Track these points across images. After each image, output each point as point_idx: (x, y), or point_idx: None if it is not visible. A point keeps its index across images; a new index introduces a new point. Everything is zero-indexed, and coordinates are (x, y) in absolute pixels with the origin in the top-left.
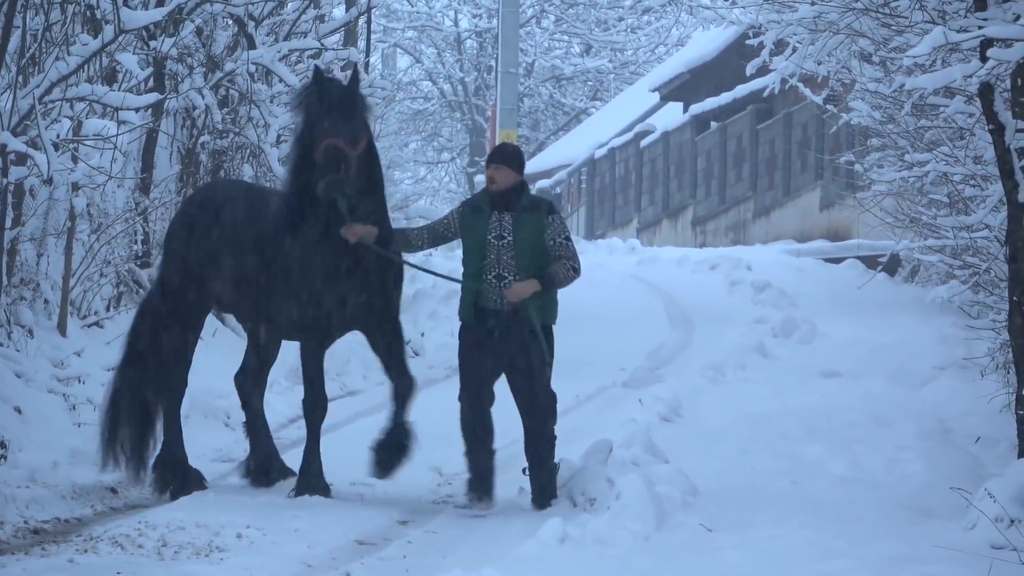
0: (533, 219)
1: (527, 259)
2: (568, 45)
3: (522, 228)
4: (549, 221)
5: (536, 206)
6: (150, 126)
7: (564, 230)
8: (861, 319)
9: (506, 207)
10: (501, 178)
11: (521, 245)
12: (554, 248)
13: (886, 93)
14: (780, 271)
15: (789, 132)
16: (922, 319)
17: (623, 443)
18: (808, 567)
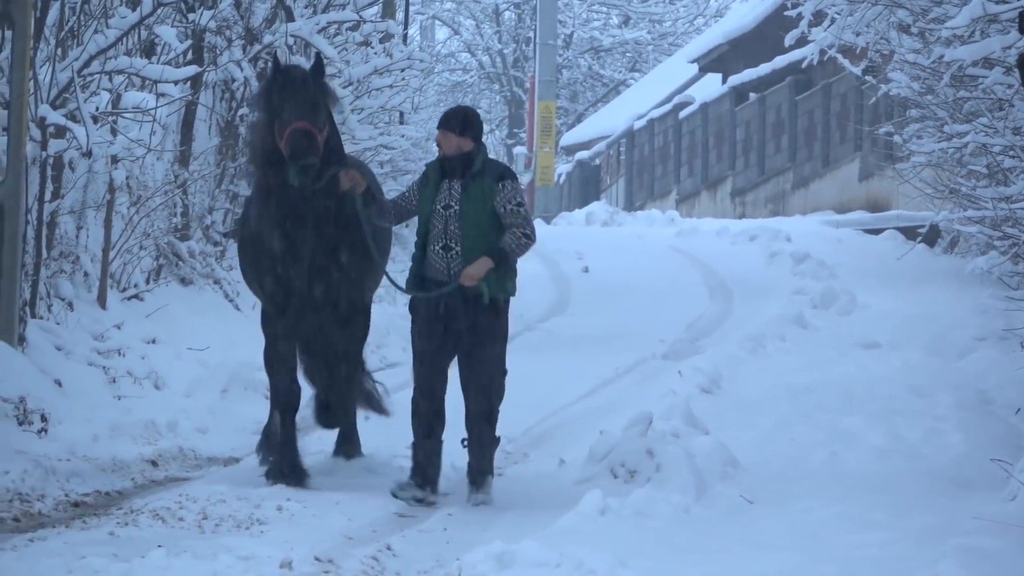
0: (481, 186)
1: (473, 228)
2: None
3: (469, 195)
4: (499, 188)
5: (486, 172)
6: (189, 99)
7: (516, 195)
8: (900, 290)
9: (456, 174)
10: (446, 144)
11: (467, 213)
12: (505, 216)
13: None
14: (819, 242)
15: (828, 103)
16: (961, 290)
17: (663, 415)
18: (846, 539)
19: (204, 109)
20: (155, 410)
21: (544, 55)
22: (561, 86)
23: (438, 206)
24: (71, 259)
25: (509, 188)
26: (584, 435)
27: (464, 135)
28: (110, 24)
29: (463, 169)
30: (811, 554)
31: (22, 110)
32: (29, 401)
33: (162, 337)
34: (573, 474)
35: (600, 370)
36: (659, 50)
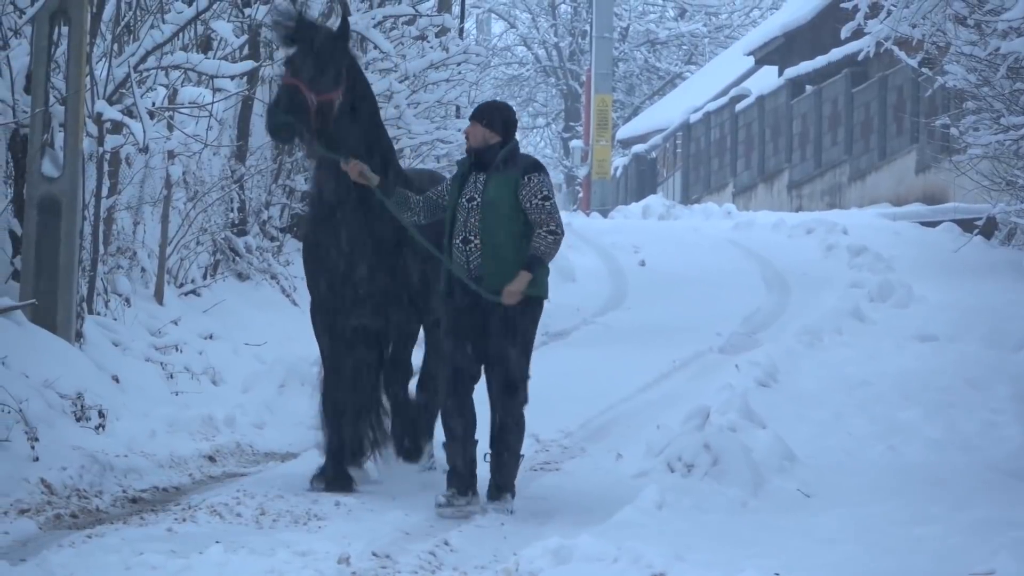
0: (506, 178)
1: (492, 221)
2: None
3: (491, 187)
4: (525, 181)
5: (512, 164)
6: (245, 93)
7: (541, 189)
8: (957, 282)
9: (483, 167)
10: (472, 135)
11: (487, 205)
12: (530, 211)
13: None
14: (876, 235)
15: (884, 95)
16: (1018, 282)
17: (720, 408)
18: (903, 532)
19: (260, 104)
20: (212, 405)
21: (600, 48)
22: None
23: (463, 199)
24: (128, 255)
25: (535, 181)
26: (641, 429)
27: (491, 127)
28: (166, 19)
29: (489, 161)
30: (868, 547)
31: (79, 106)
32: (87, 397)
33: (219, 332)
34: (630, 468)
35: (657, 364)
36: (715, 43)
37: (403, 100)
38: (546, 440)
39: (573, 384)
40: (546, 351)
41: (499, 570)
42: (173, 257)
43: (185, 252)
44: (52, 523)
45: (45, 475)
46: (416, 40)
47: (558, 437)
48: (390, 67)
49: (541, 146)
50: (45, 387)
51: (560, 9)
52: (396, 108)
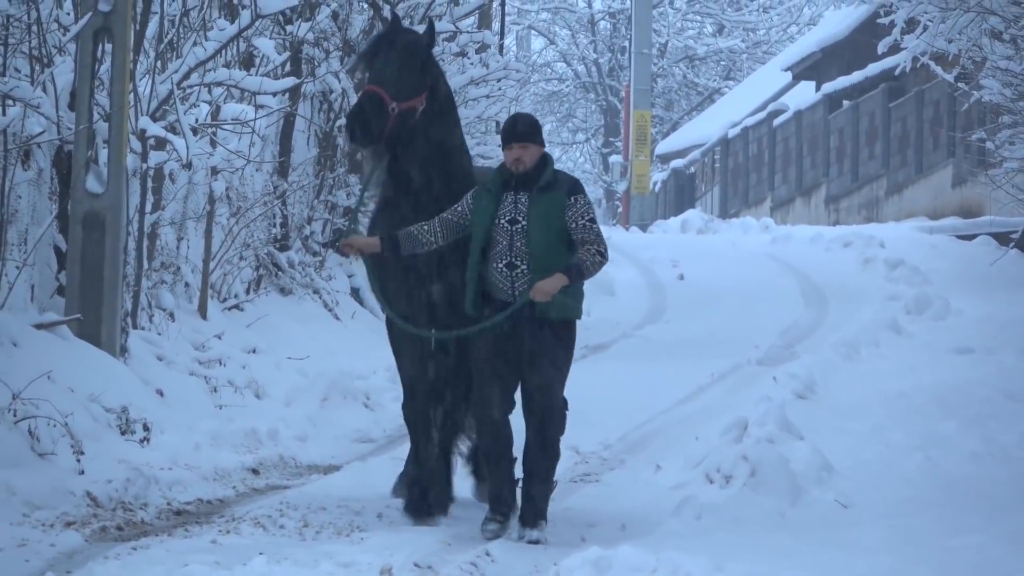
0: (552, 199)
1: (541, 245)
2: (701, 25)
3: (537, 209)
4: (571, 202)
5: (556, 184)
6: (287, 110)
7: (588, 211)
8: (994, 295)
9: (524, 187)
10: (529, 156)
11: (534, 229)
12: (576, 231)
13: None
14: (913, 248)
15: (921, 110)
16: None
17: (758, 420)
18: (943, 542)
19: (302, 120)
20: (256, 419)
21: (639, 64)
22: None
23: (502, 220)
24: (172, 270)
25: (582, 203)
26: (680, 441)
27: (542, 143)
28: (209, 36)
29: (532, 181)
30: (907, 557)
31: (122, 123)
32: (131, 411)
33: (262, 347)
34: (669, 479)
35: (696, 376)
36: (753, 58)
37: None
38: (586, 452)
39: (613, 397)
40: (586, 364)
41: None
42: (216, 272)
43: (228, 267)
44: (98, 535)
45: (91, 488)
46: (457, 56)
47: (598, 449)
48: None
49: (581, 161)
50: (90, 401)
51: (599, 26)
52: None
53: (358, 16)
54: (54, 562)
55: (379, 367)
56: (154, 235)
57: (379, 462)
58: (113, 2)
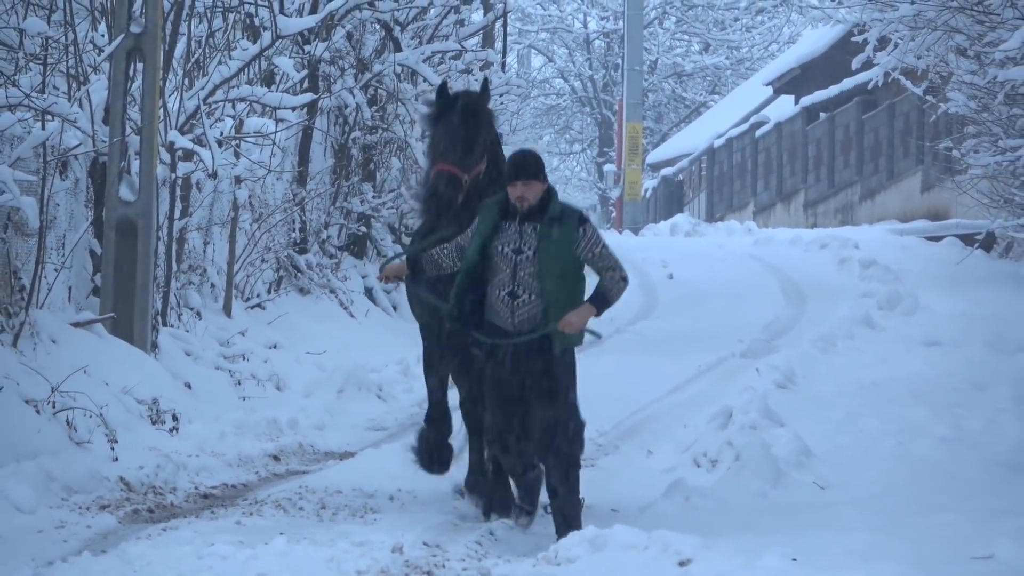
0: (561, 231)
1: (550, 276)
2: (688, 44)
3: (548, 241)
4: (581, 233)
5: (566, 216)
6: (305, 123)
7: (599, 238)
8: (960, 292)
9: (530, 218)
10: (532, 194)
11: (544, 261)
12: (594, 261)
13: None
14: (885, 249)
15: (892, 121)
16: (1017, 291)
17: (742, 409)
18: (915, 521)
19: (319, 133)
20: (277, 409)
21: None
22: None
23: (505, 248)
24: (199, 272)
25: (591, 233)
26: (670, 428)
27: (544, 180)
28: (232, 56)
29: (539, 213)
30: (882, 534)
31: (153, 136)
32: (161, 402)
33: (282, 343)
34: (660, 464)
35: (684, 368)
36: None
37: None
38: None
39: (608, 387)
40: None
41: (540, 558)
42: (240, 274)
43: (251, 269)
44: (130, 517)
45: (124, 474)
46: (462, 73)
47: (594, 436)
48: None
49: (577, 170)
50: (123, 393)
51: (594, 44)
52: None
53: (371, 36)
54: (90, 542)
55: (391, 361)
56: (182, 240)
57: (391, 449)
58: (144, 24)
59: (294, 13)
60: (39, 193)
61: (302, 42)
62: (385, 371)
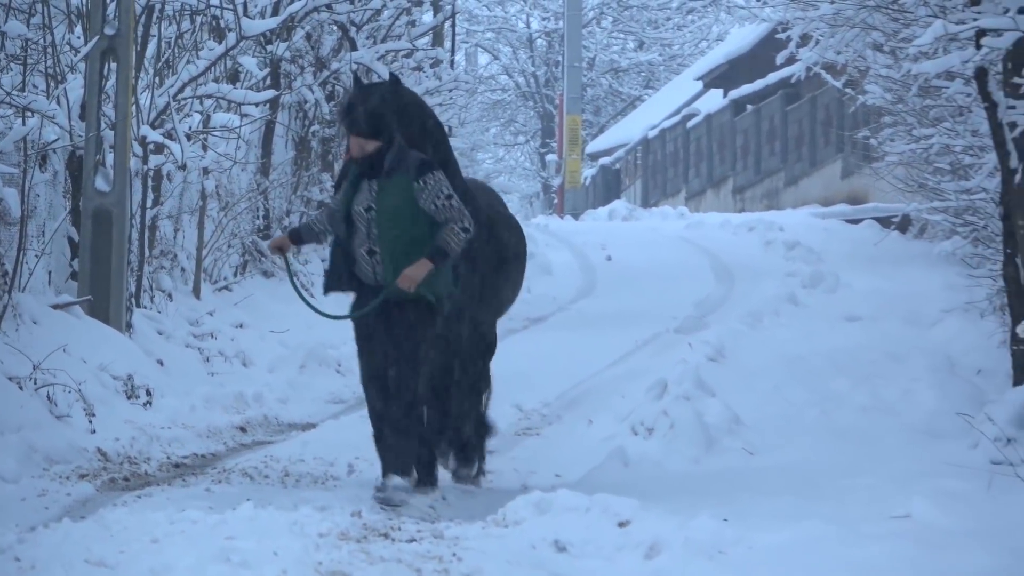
0: (398, 184)
1: (391, 231)
2: (624, 42)
3: (385, 196)
4: (420, 185)
5: (402, 168)
6: (268, 118)
7: (442, 188)
8: (878, 271)
9: (373, 173)
10: (357, 148)
11: (384, 216)
12: (437, 212)
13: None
14: (808, 231)
15: (814, 112)
16: (930, 270)
17: (676, 380)
18: (837, 483)
19: (281, 127)
20: (243, 384)
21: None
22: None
23: (359, 207)
24: (170, 257)
25: (432, 183)
26: (609, 399)
27: (376, 135)
28: (200, 55)
29: (377, 167)
30: (805, 496)
31: (126, 130)
32: (136, 378)
33: (248, 322)
34: (600, 432)
35: (622, 343)
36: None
37: None
38: (528, 409)
39: (551, 362)
40: (527, 334)
41: (489, 520)
42: (208, 258)
43: (218, 254)
44: (107, 486)
45: (101, 445)
46: (414, 70)
47: (538, 407)
48: None
49: (521, 160)
50: (100, 370)
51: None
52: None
53: (328, 36)
54: (70, 509)
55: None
56: (154, 227)
57: (350, 420)
58: (117, 27)
59: (257, 15)
60: (20, 184)
61: (264, 42)
62: (344, 347)
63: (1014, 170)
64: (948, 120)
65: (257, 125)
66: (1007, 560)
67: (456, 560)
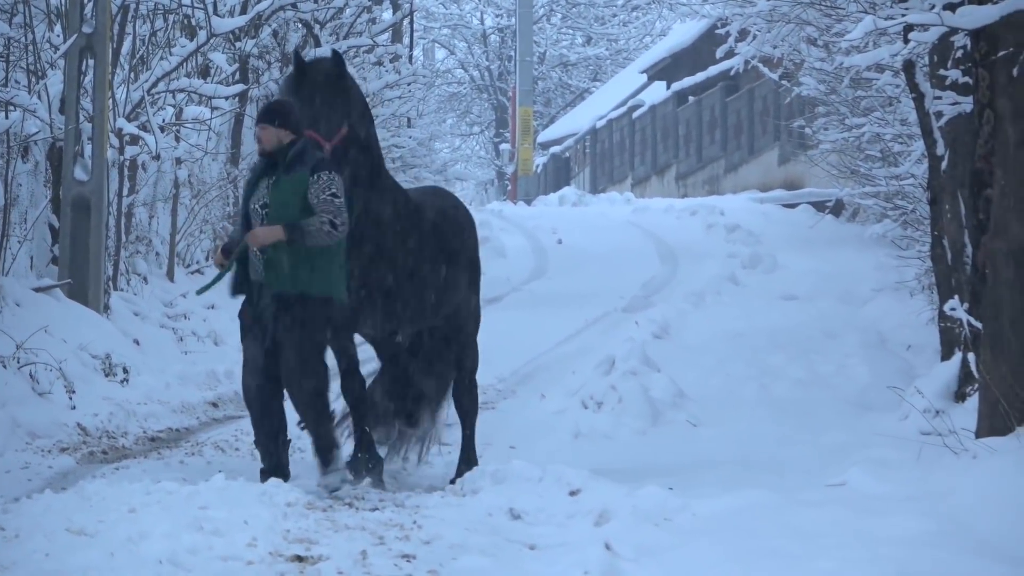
0: (293, 179)
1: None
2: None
3: (278, 191)
4: (313, 179)
5: (298, 164)
6: (237, 111)
7: (330, 187)
8: (813, 253)
9: (273, 170)
10: (267, 138)
11: (273, 211)
12: (317, 206)
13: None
14: (747, 215)
15: (752, 103)
16: (862, 251)
17: (623, 357)
18: (775, 452)
19: (250, 119)
20: (215, 362)
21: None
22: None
23: (255, 204)
24: (145, 242)
25: (324, 179)
26: (561, 375)
27: (283, 127)
28: (172, 52)
29: (276, 163)
30: (746, 465)
31: (103, 123)
32: (113, 357)
33: (219, 304)
34: (552, 406)
35: (573, 322)
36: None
37: None
38: (484, 385)
39: (505, 340)
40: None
41: (447, 489)
42: (181, 243)
43: (191, 239)
44: (87, 459)
45: (81, 420)
46: (375, 65)
47: (494, 382)
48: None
49: (477, 149)
50: (80, 350)
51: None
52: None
53: (294, 33)
54: (52, 480)
55: None
56: (130, 214)
57: None
58: (94, 25)
59: (226, 14)
60: (3, 174)
61: (233, 39)
62: None
63: (940, 157)
64: (878, 110)
65: (227, 117)
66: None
67: (416, 527)
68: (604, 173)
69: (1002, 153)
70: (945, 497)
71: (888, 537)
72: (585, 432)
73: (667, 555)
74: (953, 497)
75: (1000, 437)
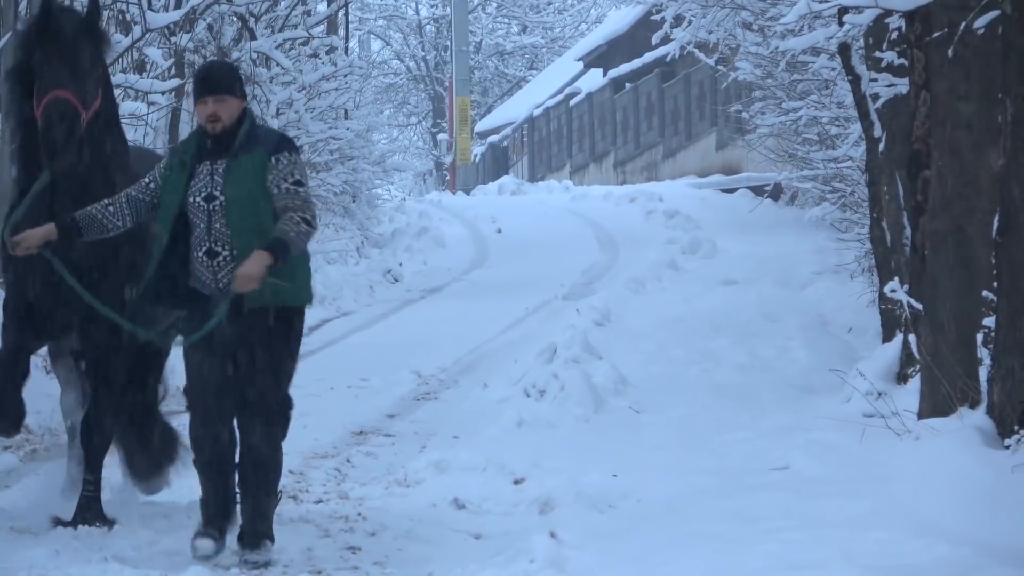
0: (251, 162)
1: (244, 221)
2: (508, 26)
3: (234, 178)
4: (272, 163)
5: (255, 144)
6: (174, 105)
7: (294, 171)
8: (752, 237)
9: (221, 153)
10: (227, 112)
11: (234, 203)
12: (279, 197)
13: (765, 54)
14: (686, 201)
15: (689, 89)
16: (802, 235)
17: (565, 344)
18: (718, 437)
19: (187, 113)
20: None
21: (459, 59)
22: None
23: (198, 197)
24: None
25: (285, 163)
26: (503, 363)
27: (240, 94)
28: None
29: (230, 145)
30: (689, 450)
31: None
32: None
33: None
34: (495, 395)
35: (514, 311)
36: (551, 51)
37: (301, 107)
38: (426, 375)
39: (447, 329)
40: (424, 304)
41: (391, 480)
42: None
43: None
44: (30, 456)
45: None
46: (311, 57)
47: (436, 372)
48: (290, 80)
49: (415, 139)
50: None
51: (426, 29)
52: (296, 113)
53: (229, 27)
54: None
55: None
56: None
57: None
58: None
59: (161, 8)
60: None
61: (168, 34)
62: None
63: (878, 139)
64: (815, 93)
65: (163, 112)
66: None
67: (361, 519)
68: (542, 161)
69: (939, 134)
70: (888, 479)
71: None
72: (528, 420)
73: (612, 541)
74: (896, 479)
75: (942, 418)
